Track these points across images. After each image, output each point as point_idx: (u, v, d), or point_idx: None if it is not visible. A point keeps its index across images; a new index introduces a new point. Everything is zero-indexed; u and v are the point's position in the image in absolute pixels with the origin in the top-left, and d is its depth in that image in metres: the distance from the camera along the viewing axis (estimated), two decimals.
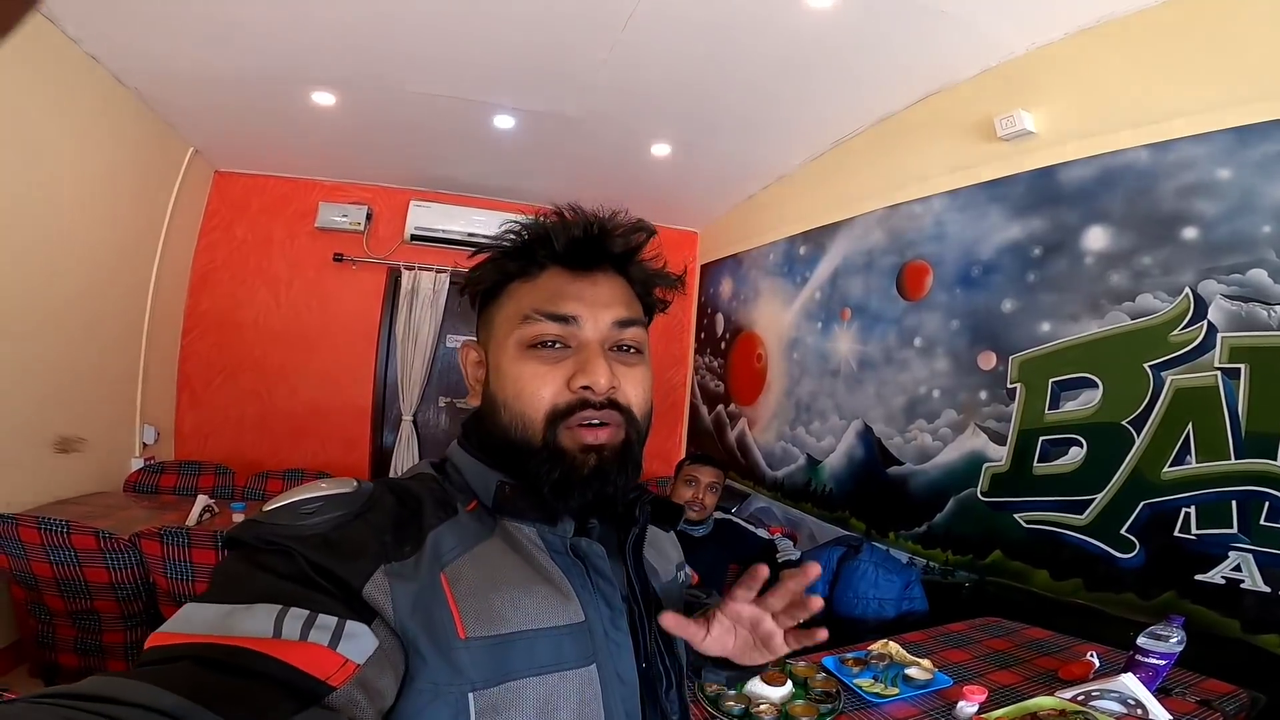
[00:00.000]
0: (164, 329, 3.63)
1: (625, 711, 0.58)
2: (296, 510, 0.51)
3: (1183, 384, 1.73)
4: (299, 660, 0.42)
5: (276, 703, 0.39)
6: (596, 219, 0.64)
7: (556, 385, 0.59)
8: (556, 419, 0.59)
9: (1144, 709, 1.28)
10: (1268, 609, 1.54)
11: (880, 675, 1.46)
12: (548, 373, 0.60)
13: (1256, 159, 1.63)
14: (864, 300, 2.90)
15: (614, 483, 0.60)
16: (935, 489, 2.42)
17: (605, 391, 0.59)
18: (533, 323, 0.60)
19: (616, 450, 0.61)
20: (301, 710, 0.40)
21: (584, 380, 0.59)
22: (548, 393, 0.59)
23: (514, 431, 0.60)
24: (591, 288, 0.63)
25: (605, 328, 0.62)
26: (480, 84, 2.74)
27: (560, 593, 0.57)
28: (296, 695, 0.41)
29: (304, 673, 0.42)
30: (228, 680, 0.39)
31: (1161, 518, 1.75)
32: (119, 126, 2.93)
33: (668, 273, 0.70)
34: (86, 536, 2.03)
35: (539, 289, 0.62)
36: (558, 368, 0.60)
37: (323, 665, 0.43)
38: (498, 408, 0.62)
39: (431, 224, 4.07)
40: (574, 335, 0.61)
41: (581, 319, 0.61)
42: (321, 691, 0.42)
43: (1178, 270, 1.77)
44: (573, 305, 0.61)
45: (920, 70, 2.46)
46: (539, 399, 0.59)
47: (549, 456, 0.59)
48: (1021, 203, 2.21)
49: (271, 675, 0.40)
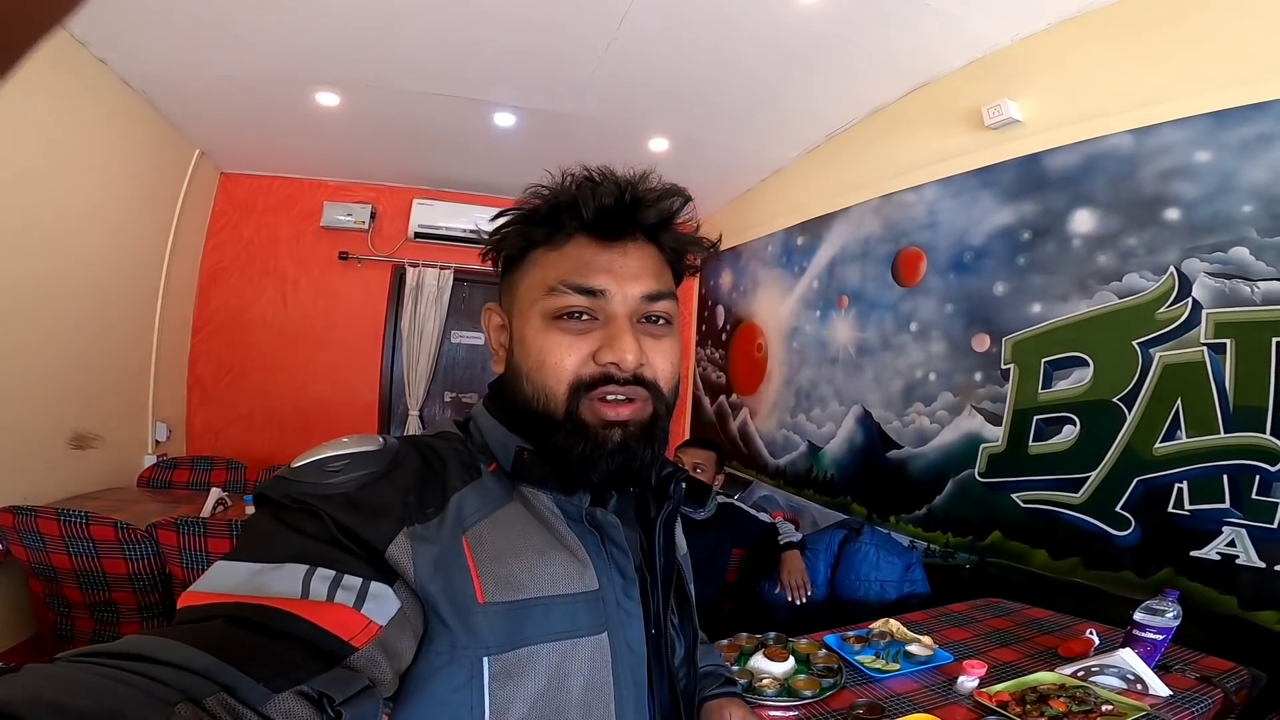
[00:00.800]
0: (174, 328, 3.69)
1: (633, 680, 0.59)
2: (323, 468, 0.51)
3: (1171, 360, 1.77)
4: (325, 621, 0.43)
5: (302, 662, 0.40)
6: (628, 184, 0.60)
7: (581, 356, 0.58)
8: (579, 391, 0.58)
9: (1143, 684, 1.29)
10: (1264, 585, 1.55)
11: (882, 652, 1.47)
12: (573, 344, 0.58)
13: (1235, 142, 1.67)
14: (861, 288, 2.95)
15: (639, 457, 0.59)
16: (934, 471, 2.46)
17: (632, 368, 0.58)
18: (559, 294, 0.58)
19: (642, 425, 0.59)
20: (326, 670, 0.41)
21: (610, 356, 0.57)
22: (571, 363, 0.58)
23: (537, 403, 0.59)
24: (621, 259, 0.60)
25: (634, 301, 0.59)
26: (480, 83, 2.79)
27: (577, 560, 0.57)
28: (321, 655, 0.42)
29: (330, 633, 0.43)
30: (257, 639, 0.40)
31: (1155, 494, 1.78)
32: (127, 129, 2.99)
33: (701, 238, 0.67)
34: (105, 527, 2.09)
35: (566, 258, 0.60)
36: (583, 339, 0.58)
37: (348, 626, 0.44)
38: (520, 377, 0.61)
39: (434, 222, 4.14)
40: (601, 308, 0.59)
41: (610, 292, 0.58)
42: (345, 652, 0.43)
43: (1162, 250, 1.81)
44: (601, 278, 0.58)
45: (909, 62, 2.50)
46: (562, 370, 0.58)
47: (573, 429, 0.58)
48: (1011, 189, 2.26)
49: (299, 635, 0.42)
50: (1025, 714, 1.19)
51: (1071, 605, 1.86)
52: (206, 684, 0.36)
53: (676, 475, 0.67)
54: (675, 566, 0.69)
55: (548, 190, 0.62)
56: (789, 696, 1.28)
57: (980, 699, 1.26)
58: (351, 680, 0.42)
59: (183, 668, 0.36)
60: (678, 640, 0.71)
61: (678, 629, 0.70)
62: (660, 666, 0.64)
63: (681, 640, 0.72)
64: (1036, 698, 1.24)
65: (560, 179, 0.62)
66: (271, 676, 0.38)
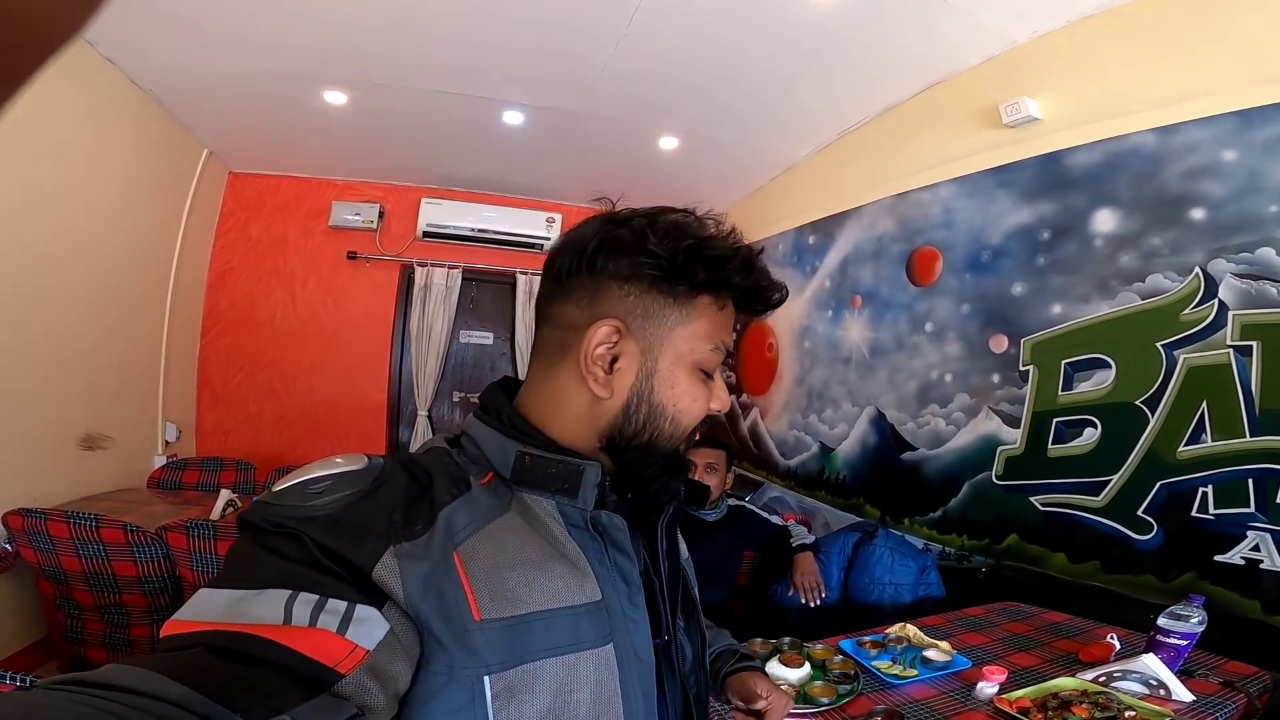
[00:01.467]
0: (183, 328, 3.70)
1: (642, 691, 0.58)
2: (305, 490, 0.50)
3: (1195, 362, 1.75)
4: (307, 647, 0.42)
5: (284, 691, 0.39)
6: (772, 281, 0.65)
7: (705, 405, 0.63)
8: (694, 433, 0.65)
9: (1166, 689, 1.28)
10: None
11: (898, 657, 1.46)
12: (703, 394, 0.63)
13: (1261, 141, 1.64)
14: (874, 287, 2.92)
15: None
16: (949, 474, 2.44)
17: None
18: (718, 353, 0.63)
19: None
20: (309, 698, 0.40)
21: (719, 407, 0.64)
22: (700, 411, 0.63)
23: (664, 439, 0.62)
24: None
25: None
26: (489, 81, 2.77)
27: (577, 570, 0.56)
28: (304, 683, 0.41)
29: (312, 660, 0.41)
30: (236, 668, 0.39)
31: (1178, 498, 1.76)
32: (135, 128, 2.98)
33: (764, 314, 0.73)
34: (115, 530, 2.08)
35: (723, 318, 0.64)
36: (706, 388, 0.64)
37: (331, 652, 0.42)
38: (659, 416, 0.61)
39: (443, 220, 4.13)
40: None
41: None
42: (330, 679, 0.42)
43: (1187, 250, 1.78)
44: (730, 341, 0.66)
45: (924, 59, 2.47)
46: (696, 415, 0.63)
47: (674, 464, 0.63)
48: (1029, 188, 2.23)
49: (279, 663, 0.40)
50: None
51: (1091, 609, 1.84)
52: (183, 714, 0.35)
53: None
54: (680, 571, 0.68)
55: (738, 248, 0.62)
56: (806, 703, 1.27)
57: (1001, 705, 1.25)
58: (337, 708, 0.41)
59: (158, 698, 0.35)
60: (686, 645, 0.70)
61: (685, 633, 0.69)
62: (673, 674, 0.63)
63: (690, 645, 0.71)
64: (1058, 704, 1.23)
65: (717, 228, 0.63)
66: (250, 706, 0.37)
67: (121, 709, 0.33)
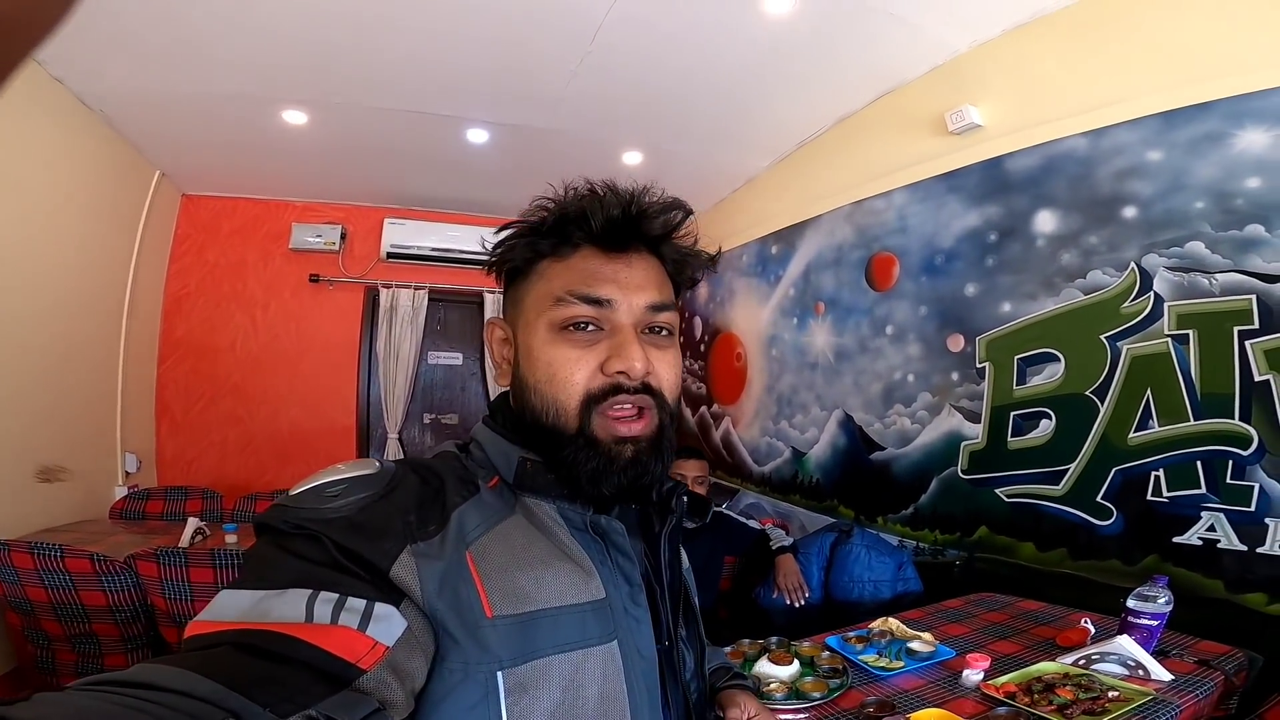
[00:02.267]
0: (140, 356, 3.59)
1: (646, 687, 0.59)
2: (322, 493, 0.51)
3: (1138, 352, 1.84)
4: (330, 644, 0.42)
5: (308, 686, 0.40)
6: (632, 197, 0.62)
7: (590, 369, 0.59)
8: (590, 404, 0.58)
9: (1145, 670, 1.32)
10: (1248, 567, 1.59)
11: (884, 650, 1.48)
12: (580, 356, 0.59)
13: (1184, 141, 1.76)
14: (836, 294, 3.01)
15: (650, 471, 0.60)
16: (918, 471, 2.50)
17: (640, 376, 0.59)
18: (566, 305, 0.59)
19: (651, 438, 0.60)
20: (333, 694, 0.41)
21: (619, 365, 0.58)
22: (581, 377, 0.58)
23: (546, 416, 0.59)
24: (626, 269, 0.61)
25: (639, 311, 0.61)
26: (453, 99, 2.79)
27: (582, 570, 0.57)
28: (327, 679, 0.41)
29: (335, 656, 0.42)
30: (262, 664, 0.40)
31: (1133, 483, 1.83)
32: (84, 150, 2.91)
33: (701, 251, 0.69)
34: (81, 560, 2.01)
35: (572, 269, 0.61)
36: (591, 351, 0.59)
37: (353, 648, 0.43)
38: (528, 390, 0.61)
39: (407, 241, 4.10)
40: (607, 318, 0.60)
41: (616, 302, 0.60)
42: (352, 674, 0.43)
43: (1122, 247, 1.89)
44: (607, 288, 0.60)
45: (874, 70, 2.58)
46: (572, 384, 0.58)
47: (584, 445, 0.58)
48: (976, 192, 2.33)
49: (303, 659, 0.41)
50: (1034, 704, 1.21)
51: (1062, 596, 1.89)
52: (213, 710, 0.35)
53: (678, 490, 0.67)
54: (681, 580, 0.69)
55: (553, 203, 0.63)
56: (798, 699, 1.28)
57: (988, 691, 1.28)
58: (360, 703, 0.42)
59: (189, 694, 0.36)
60: (687, 652, 0.71)
61: (686, 642, 0.70)
62: (674, 679, 0.64)
63: (690, 653, 0.72)
64: (1043, 687, 1.26)
65: (563, 193, 0.63)
66: (277, 702, 0.38)
67: (155, 707, 0.34)
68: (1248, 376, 1.62)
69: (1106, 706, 1.18)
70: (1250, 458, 1.61)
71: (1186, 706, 1.22)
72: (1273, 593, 1.56)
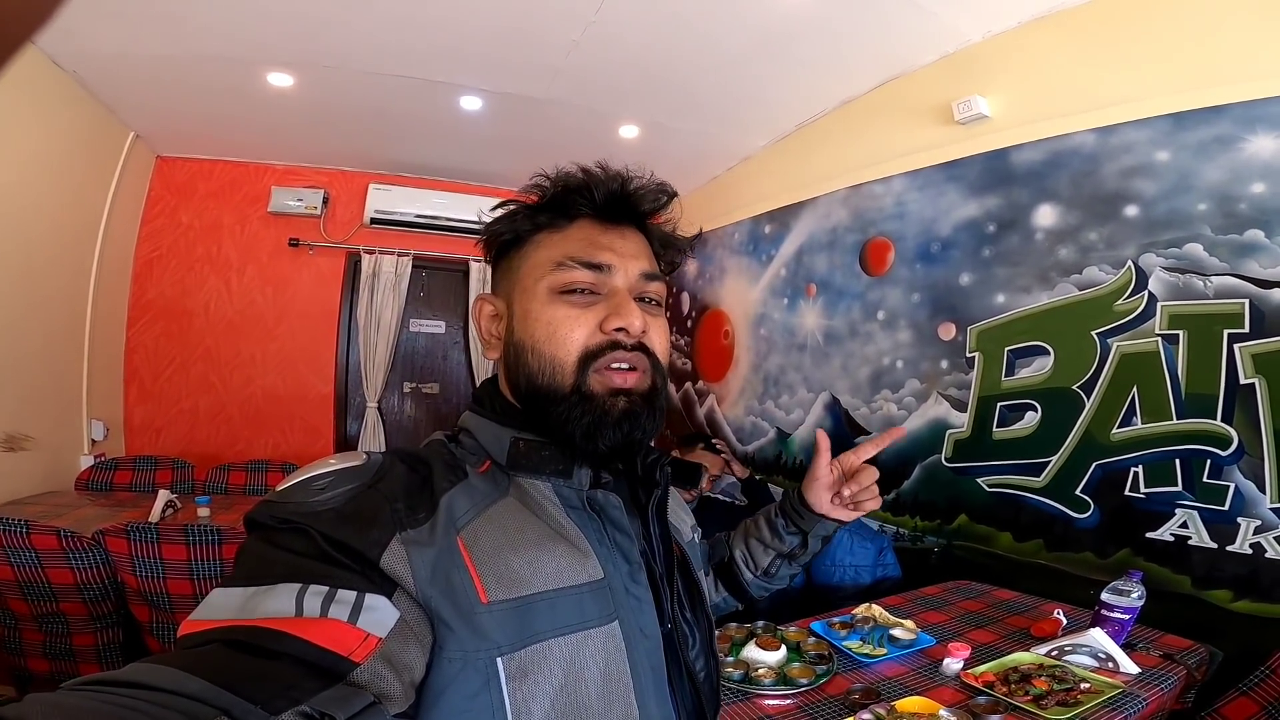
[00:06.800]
0: (108, 320, 3.45)
1: (650, 666, 0.59)
2: (309, 487, 0.51)
3: (1127, 350, 1.88)
4: (320, 638, 0.42)
5: (299, 681, 0.40)
6: (625, 177, 0.66)
7: (589, 327, 0.60)
8: (587, 361, 0.60)
9: (1114, 662, 1.36)
10: (1215, 565, 1.65)
11: (867, 637, 1.51)
12: (580, 315, 0.61)
13: (1192, 143, 1.76)
14: (829, 276, 3.00)
15: (642, 426, 0.61)
16: (902, 457, 2.54)
17: (638, 333, 0.61)
18: (566, 269, 0.61)
19: (644, 394, 0.62)
20: (325, 688, 0.40)
21: (618, 322, 0.60)
22: (580, 334, 0.60)
23: (542, 376, 0.61)
24: (621, 240, 0.65)
25: (634, 278, 0.64)
26: (448, 65, 2.67)
27: (578, 550, 0.57)
28: (319, 673, 0.41)
29: (326, 650, 0.42)
30: (253, 661, 0.40)
31: (1112, 478, 1.88)
32: (55, 111, 2.75)
33: (681, 236, 0.73)
34: (47, 536, 1.94)
35: (570, 239, 0.64)
36: (589, 311, 0.61)
37: (344, 641, 0.43)
38: (525, 352, 0.62)
39: (392, 207, 3.98)
40: (605, 283, 0.62)
41: (613, 267, 0.63)
42: (344, 668, 0.42)
43: (1121, 245, 1.91)
44: (606, 254, 0.63)
45: (882, 55, 2.53)
46: (571, 340, 0.60)
47: (579, 400, 0.59)
48: (977, 183, 2.33)
49: (294, 654, 0.41)
50: (1011, 693, 1.25)
51: (1036, 586, 1.94)
52: (204, 709, 0.35)
53: (661, 460, 0.67)
54: (675, 554, 0.68)
55: (549, 179, 0.66)
56: (785, 685, 1.31)
57: (968, 680, 1.31)
58: (354, 697, 0.41)
59: (180, 693, 0.36)
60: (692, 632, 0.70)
61: (691, 621, 0.69)
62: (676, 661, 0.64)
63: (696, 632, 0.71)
64: (1019, 677, 1.30)
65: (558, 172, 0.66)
66: (269, 698, 0.38)
67: (146, 705, 0.34)
68: (1233, 379, 1.66)
69: (1079, 698, 1.23)
70: (1229, 458, 1.65)
71: (1151, 700, 1.27)
72: (1237, 590, 1.62)
